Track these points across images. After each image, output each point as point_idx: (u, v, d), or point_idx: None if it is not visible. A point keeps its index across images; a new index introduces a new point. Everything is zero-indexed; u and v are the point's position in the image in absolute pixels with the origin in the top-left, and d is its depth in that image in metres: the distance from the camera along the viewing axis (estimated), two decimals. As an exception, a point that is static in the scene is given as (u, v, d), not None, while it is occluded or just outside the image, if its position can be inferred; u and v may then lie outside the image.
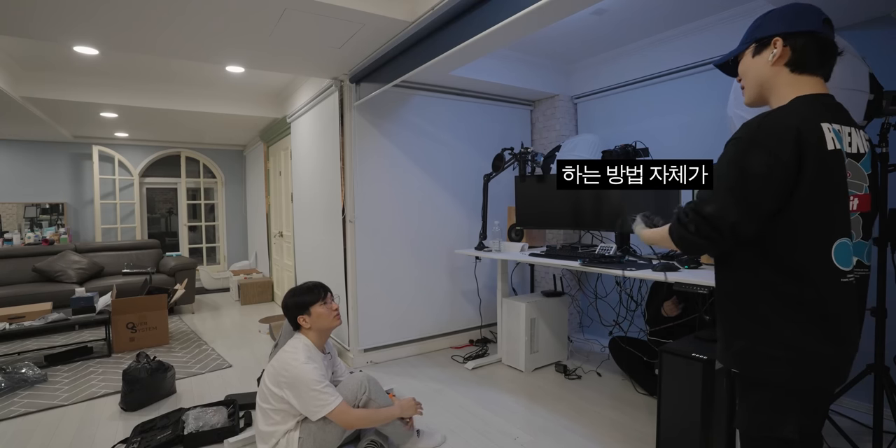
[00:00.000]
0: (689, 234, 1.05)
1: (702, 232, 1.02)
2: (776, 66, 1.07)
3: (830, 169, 0.98)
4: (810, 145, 0.95)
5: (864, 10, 2.12)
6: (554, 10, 1.81)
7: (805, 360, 0.99)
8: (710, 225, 1.00)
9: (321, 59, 2.84)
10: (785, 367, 1.00)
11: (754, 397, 1.06)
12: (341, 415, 1.80)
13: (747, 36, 1.14)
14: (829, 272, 0.98)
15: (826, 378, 1.01)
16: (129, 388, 2.55)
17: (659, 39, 3.01)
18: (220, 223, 6.81)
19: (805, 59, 1.05)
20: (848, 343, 1.02)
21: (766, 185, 0.96)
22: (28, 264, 4.77)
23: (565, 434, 2.21)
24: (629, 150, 2.70)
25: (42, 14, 2.11)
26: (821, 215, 0.97)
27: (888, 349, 1.85)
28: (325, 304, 1.98)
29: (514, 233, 3.32)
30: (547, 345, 3.11)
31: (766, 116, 1.00)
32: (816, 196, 0.96)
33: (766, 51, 1.08)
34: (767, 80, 1.09)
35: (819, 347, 0.99)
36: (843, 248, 0.99)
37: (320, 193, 3.64)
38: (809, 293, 0.98)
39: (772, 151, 0.95)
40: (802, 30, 1.05)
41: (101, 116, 4.56)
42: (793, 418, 1.02)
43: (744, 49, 1.14)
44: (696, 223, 1.03)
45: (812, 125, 0.97)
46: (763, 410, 1.04)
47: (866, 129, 1.78)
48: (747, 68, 1.13)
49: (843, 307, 1.00)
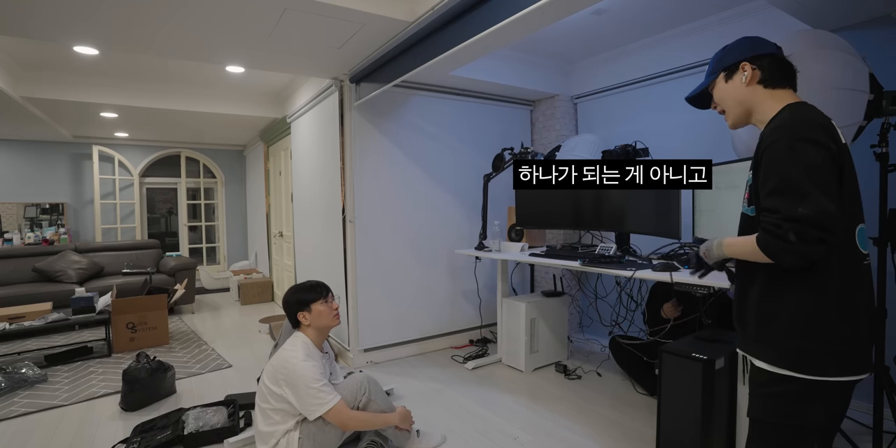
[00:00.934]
0: (792, 244, 0.97)
1: (807, 237, 0.96)
2: (751, 86, 1.18)
3: (850, 160, 1.07)
4: (837, 138, 1.04)
5: (864, 10, 2.12)
6: (554, 10, 1.81)
7: (853, 353, 1.04)
8: (816, 226, 0.95)
9: (321, 59, 2.84)
10: (837, 362, 1.03)
11: (780, 388, 1.07)
12: (338, 414, 1.80)
13: (713, 68, 1.25)
14: (857, 257, 1.06)
15: (863, 367, 1.05)
16: (129, 388, 2.55)
17: (659, 39, 3.01)
18: (220, 223, 6.81)
19: (774, 75, 1.16)
20: (870, 329, 1.08)
21: (831, 174, 1.00)
22: (28, 264, 4.77)
23: (565, 434, 2.21)
24: (629, 150, 2.70)
25: (42, 14, 2.11)
26: (850, 203, 1.05)
27: (888, 349, 1.85)
28: (325, 302, 1.99)
29: (514, 233, 3.32)
30: (547, 345, 3.11)
31: (792, 115, 1.06)
32: (848, 184, 1.04)
33: (737, 75, 1.19)
34: (747, 99, 1.19)
35: (859, 337, 1.05)
36: (861, 233, 1.08)
37: (320, 193, 3.64)
38: (850, 281, 1.05)
39: (821, 143, 1.00)
40: (763, 53, 1.18)
41: (101, 116, 4.56)
42: (820, 407, 1.04)
43: (713, 79, 1.25)
44: (795, 231, 0.96)
45: (828, 120, 1.06)
46: (790, 401, 1.06)
47: (866, 128, 1.78)
48: (723, 93, 1.23)
49: (868, 291, 1.08)
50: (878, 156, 1.78)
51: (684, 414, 1.81)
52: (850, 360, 1.04)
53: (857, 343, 1.04)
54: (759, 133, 1.15)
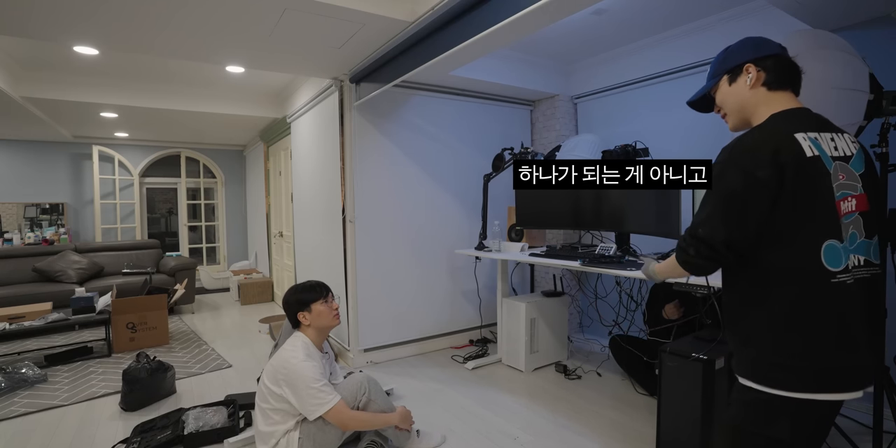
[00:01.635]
0: (691, 257, 1.11)
1: (701, 253, 1.09)
2: (755, 89, 1.15)
3: (811, 176, 1.03)
4: (787, 157, 1.01)
5: (864, 10, 2.12)
6: (554, 10, 1.81)
7: (813, 370, 1.01)
8: (706, 245, 1.07)
9: (321, 59, 2.84)
10: (789, 376, 1.02)
11: (751, 395, 1.08)
12: (338, 414, 1.80)
13: (716, 70, 1.23)
14: (819, 274, 1.02)
15: (825, 384, 1.01)
16: (129, 388, 2.55)
17: (659, 39, 3.01)
18: (220, 223, 6.81)
19: (779, 77, 1.14)
20: (854, 348, 1.02)
21: (746, 202, 1.03)
22: (28, 264, 4.77)
23: (565, 434, 2.21)
24: (629, 150, 2.70)
25: (42, 14, 2.11)
26: (806, 220, 1.02)
27: (888, 349, 1.85)
28: (325, 302, 1.99)
29: (514, 233, 3.32)
30: (547, 345, 3.11)
31: (739, 139, 1.07)
32: (800, 203, 1.02)
33: (741, 77, 1.16)
34: (748, 104, 1.16)
35: (819, 355, 1.01)
36: (831, 249, 1.02)
37: (320, 193, 3.64)
38: (805, 297, 1.03)
39: (747, 170, 1.02)
40: (768, 54, 1.15)
41: (101, 116, 4.56)
42: (786, 419, 1.04)
43: (716, 82, 1.23)
44: (694, 246, 1.10)
45: (785, 137, 1.04)
46: (759, 409, 1.07)
47: (866, 128, 1.78)
48: (726, 96, 1.21)
49: (840, 309, 1.02)
50: (878, 156, 1.78)
51: (684, 414, 1.81)
52: (811, 377, 1.01)
53: (819, 360, 1.01)
54: None
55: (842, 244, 1.03)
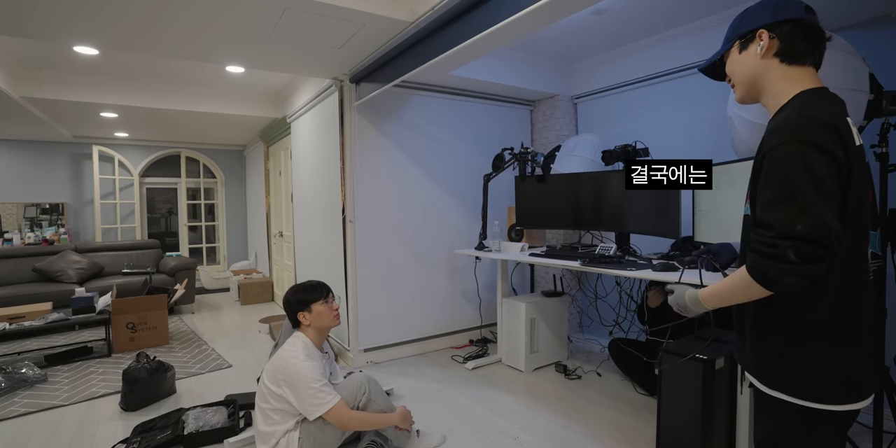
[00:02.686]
0: (791, 264, 0.86)
1: (807, 255, 0.85)
2: (766, 59, 1.01)
3: (861, 164, 0.94)
4: (848, 141, 0.91)
5: (864, 10, 2.12)
6: (554, 10, 1.81)
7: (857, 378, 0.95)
8: (817, 242, 0.85)
9: (321, 59, 2.84)
10: (843, 388, 0.94)
11: (791, 413, 0.97)
12: (338, 414, 1.80)
13: (729, 35, 1.10)
14: (861, 270, 0.94)
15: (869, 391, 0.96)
16: (129, 388, 2.55)
17: (659, 39, 3.01)
18: (220, 223, 6.81)
19: (794, 48, 0.99)
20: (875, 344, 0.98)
21: (834, 185, 0.88)
22: (28, 264, 4.77)
23: (565, 434, 2.21)
24: (629, 150, 2.70)
25: (42, 14, 2.11)
26: (860, 212, 0.93)
27: (888, 349, 1.85)
28: (326, 302, 1.99)
29: (514, 233, 3.32)
30: (547, 345, 3.11)
31: (800, 111, 0.92)
32: (858, 191, 0.92)
33: (753, 45, 1.03)
34: (759, 75, 1.04)
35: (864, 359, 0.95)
36: (874, 238, 1.00)
37: (320, 193, 3.64)
38: (854, 297, 0.94)
39: (827, 149, 0.88)
40: (786, 18, 0.99)
41: (101, 116, 4.56)
42: (830, 431, 0.96)
43: (728, 48, 1.10)
44: (794, 249, 0.85)
45: (842, 121, 0.92)
46: (798, 421, 0.97)
47: (866, 128, 1.78)
48: (735, 65, 1.09)
49: (869, 304, 0.96)
50: (878, 156, 1.78)
51: (684, 414, 1.81)
52: (857, 386, 0.94)
53: (863, 366, 0.94)
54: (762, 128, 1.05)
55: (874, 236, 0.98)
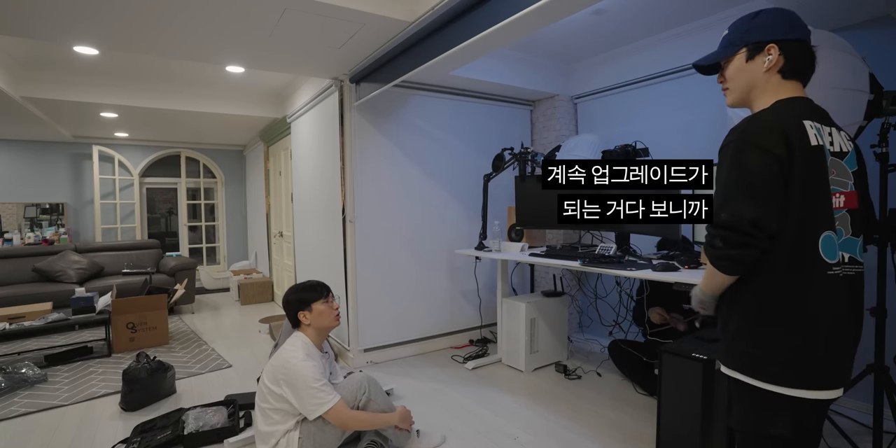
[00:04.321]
0: (720, 250, 1.01)
1: (731, 241, 0.99)
2: (769, 73, 1.08)
3: (814, 164, 1.00)
4: (796, 141, 0.98)
5: (864, 10, 2.12)
6: (554, 10, 1.81)
7: (809, 366, 0.99)
8: (734, 230, 0.98)
9: (321, 59, 2.84)
10: (788, 372, 1.00)
11: (748, 396, 1.06)
12: (338, 414, 1.80)
13: (737, 38, 1.13)
14: (817, 264, 1.00)
15: (826, 383, 1.00)
16: (129, 388, 2.55)
17: (659, 39, 3.01)
18: (220, 223, 6.81)
19: (798, 66, 1.07)
20: (841, 341, 1.02)
21: (766, 180, 0.97)
22: (28, 264, 4.77)
23: (565, 434, 2.21)
24: (629, 150, 2.70)
25: (42, 14, 2.11)
26: (809, 208, 0.99)
27: (888, 349, 1.85)
28: (327, 302, 1.99)
29: (514, 233, 3.32)
30: (547, 345, 3.11)
31: (750, 119, 1.03)
32: (805, 190, 0.99)
33: (760, 56, 1.08)
34: (758, 86, 1.10)
35: (815, 349, 0.99)
36: (828, 240, 1.01)
37: (320, 193, 3.64)
38: (800, 288, 1.00)
39: (765, 147, 0.98)
40: (796, 37, 1.06)
41: (101, 116, 4.56)
42: (786, 416, 1.02)
43: (734, 52, 1.13)
44: (720, 236, 1.00)
45: (795, 122, 1.00)
46: (756, 408, 1.05)
47: (866, 128, 1.78)
48: (737, 72, 1.13)
49: (831, 302, 1.00)
50: (878, 156, 1.78)
51: (684, 414, 1.81)
52: (807, 373, 0.99)
53: (812, 355, 0.99)
54: None
55: (836, 237, 1.02)
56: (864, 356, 2.07)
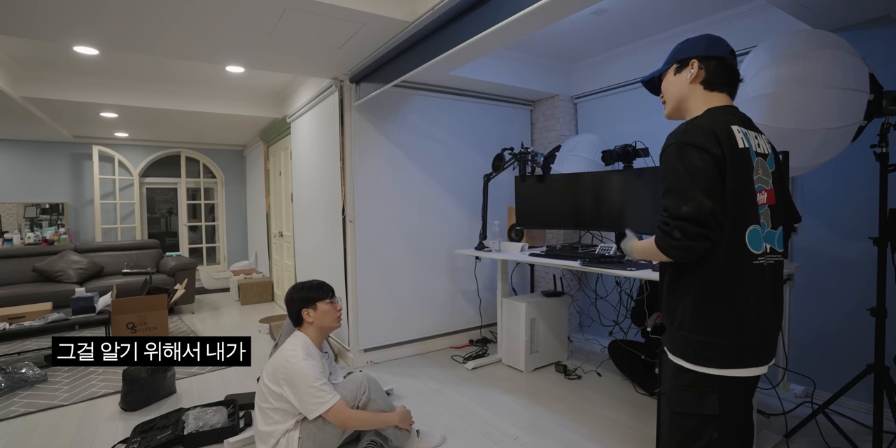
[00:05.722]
0: (678, 240, 1.10)
1: (689, 233, 1.08)
2: (693, 84, 1.25)
3: (742, 165, 1.13)
4: (726, 143, 1.11)
5: (864, 10, 2.12)
6: (554, 10, 1.81)
7: (737, 348, 1.12)
8: (695, 222, 1.07)
9: (321, 59, 2.84)
10: (715, 354, 1.13)
11: (681, 377, 1.19)
12: (338, 414, 1.80)
13: (669, 58, 1.32)
14: (745, 255, 1.13)
15: (751, 361, 1.14)
16: (129, 388, 2.55)
17: (659, 39, 3.02)
18: (220, 223, 6.81)
19: (716, 79, 1.23)
20: (766, 323, 1.15)
21: (711, 175, 1.09)
22: (28, 264, 4.77)
23: (565, 434, 2.21)
24: (629, 150, 2.70)
25: (43, 14, 2.11)
26: (739, 204, 1.12)
27: (888, 349, 1.85)
28: (331, 303, 2.00)
29: (514, 233, 3.32)
30: (547, 345, 3.11)
31: (686, 124, 1.16)
32: (735, 187, 1.11)
33: (685, 70, 1.26)
34: (685, 96, 1.27)
35: (742, 333, 1.12)
36: (754, 233, 1.14)
37: (320, 193, 3.64)
38: (735, 276, 1.12)
39: (704, 147, 1.10)
40: (714, 55, 1.24)
41: (101, 116, 4.56)
42: (713, 397, 1.14)
43: (666, 68, 1.32)
44: (679, 228, 1.09)
45: (724, 127, 1.14)
46: (688, 390, 1.18)
47: (866, 128, 1.78)
48: (669, 85, 1.31)
49: (757, 289, 1.14)
50: (878, 156, 1.78)
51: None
52: (734, 355, 1.12)
53: (741, 337, 1.12)
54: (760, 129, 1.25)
55: (761, 230, 1.15)
56: (864, 356, 2.08)
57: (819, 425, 2.02)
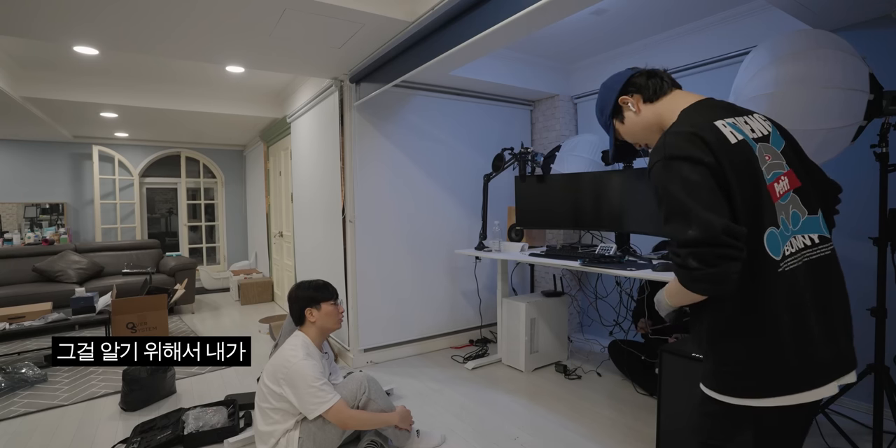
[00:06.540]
0: (697, 270, 0.91)
1: (706, 258, 0.90)
2: (644, 110, 1.16)
3: (742, 162, 0.98)
4: (716, 145, 0.96)
5: (864, 10, 2.12)
6: (554, 10, 1.81)
7: (774, 372, 0.95)
8: (707, 244, 0.90)
9: (321, 59, 2.84)
10: (748, 382, 0.96)
11: (712, 407, 1.02)
12: (338, 414, 1.80)
13: (605, 122, 1.25)
14: (768, 264, 0.96)
15: (798, 386, 0.95)
16: (129, 388, 2.55)
17: (659, 39, 3.01)
18: (220, 223, 6.81)
19: (650, 88, 1.15)
20: (812, 341, 0.96)
21: (711, 187, 0.94)
22: (28, 264, 4.77)
23: (565, 434, 2.21)
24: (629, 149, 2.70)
25: (44, 14, 2.11)
26: (747, 209, 0.96)
27: (888, 349, 1.85)
28: (335, 304, 2.01)
29: (514, 233, 3.32)
30: (547, 345, 3.11)
31: (665, 135, 1.03)
32: (742, 191, 0.96)
33: (625, 111, 1.19)
34: (650, 123, 1.16)
35: (780, 352, 0.95)
36: (772, 237, 0.97)
37: (320, 193, 3.64)
38: (757, 292, 0.96)
39: (694, 158, 0.95)
40: (625, 81, 1.18)
41: (101, 116, 4.56)
42: (749, 431, 0.98)
43: (613, 129, 1.25)
44: (692, 255, 0.91)
45: (707, 127, 0.99)
46: (719, 418, 1.02)
47: (866, 128, 1.78)
48: (629, 131, 1.22)
49: (786, 299, 0.96)
50: (878, 156, 1.78)
51: (684, 414, 1.81)
52: (772, 381, 0.94)
53: (778, 359, 0.94)
54: None
55: (779, 230, 0.98)
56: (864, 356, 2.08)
57: (819, 425, 2.02)
